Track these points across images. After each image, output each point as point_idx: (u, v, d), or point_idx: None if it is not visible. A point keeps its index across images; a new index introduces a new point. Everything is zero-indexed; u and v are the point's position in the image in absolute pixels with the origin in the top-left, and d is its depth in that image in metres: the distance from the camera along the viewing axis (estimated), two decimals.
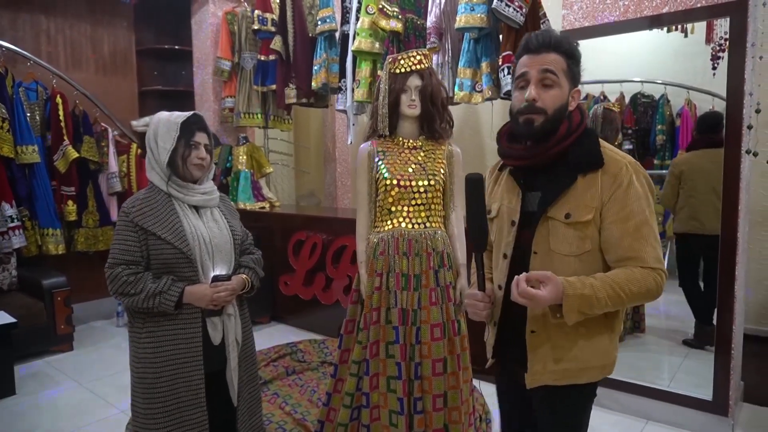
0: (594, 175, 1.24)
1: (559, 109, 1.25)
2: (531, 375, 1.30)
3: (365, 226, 2.07)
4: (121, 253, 1.63)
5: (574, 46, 1.28)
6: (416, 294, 1.95)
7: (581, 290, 1.16)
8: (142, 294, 1.59)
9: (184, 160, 1.70)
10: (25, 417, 2.79)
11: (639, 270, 1.20)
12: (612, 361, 1.31)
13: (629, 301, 1.19)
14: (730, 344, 2.39)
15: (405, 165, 1.99)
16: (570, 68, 1.26)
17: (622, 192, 1.21)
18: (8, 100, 3.68)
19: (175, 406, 1.64)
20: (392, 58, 2.00)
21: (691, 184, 2.98)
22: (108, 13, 4.55)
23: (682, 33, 2.86)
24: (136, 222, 1.62)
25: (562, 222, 1.24)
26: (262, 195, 4.61)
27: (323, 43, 3.86)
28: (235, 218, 1.88)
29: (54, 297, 3.59)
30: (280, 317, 4.29)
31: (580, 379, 1.29)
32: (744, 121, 2.29)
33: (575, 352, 1.26)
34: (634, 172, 1.23)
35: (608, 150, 1.27)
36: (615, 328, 1.31)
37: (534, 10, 2.90)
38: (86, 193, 4.13)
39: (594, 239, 1.24)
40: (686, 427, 2.52)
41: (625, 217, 1.21)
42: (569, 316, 1.17)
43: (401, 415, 1.93)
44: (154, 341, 1.64)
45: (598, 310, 1.18)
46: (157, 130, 1.69)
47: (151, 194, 1.69)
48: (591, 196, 1.23)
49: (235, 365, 1.75)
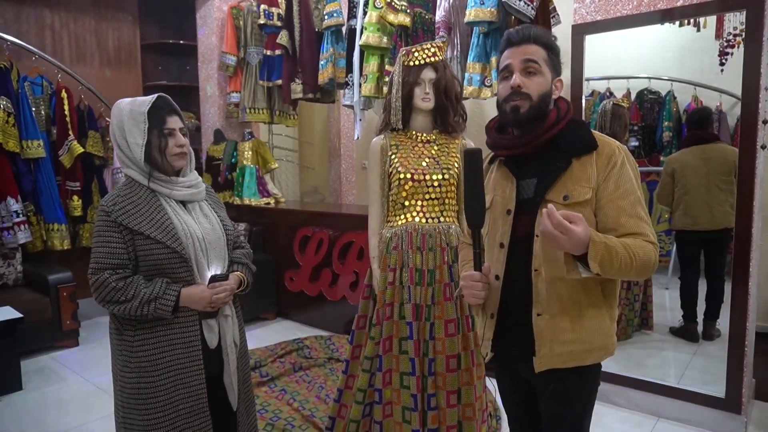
0: (588, 157, 1.29)
1: (543, 95, 1.30)
2: (539, 359, 1.31)
3: (378, 221, 2.04)
4: (106, 256, 1.47)
5: (552, 40, 1.36)
6: (430, 289, 1.93)
7: (605, 240, 1.19)
8: (135, 301, 1.45)
9: (162, 152, 1.53)
10: (31, 412, 2.78)
11: (644, 243, 1.24)
12: (613, 342, 1.34)
13: (637, 265, 1.21)
14: (743, 341, 2.37)
15: (418, 159, 1.97)
16: (550, 58, 1.33)
17: (617, 172, 1.27)
18: (13, 94, 3.66)
19: (174, 415, 1.52)
20: (406, 50, 1.98)
21: (683, 181, 3.01)
22: (112, 7, 4.52)
23: (695, 27, 2.83)
24: (119, 222, 1.47)
25: (561, 204, 1.27)
26: (267, 191, 4.59)
27: (330, 37, 3.83)
28: (223, 211, 1.74)
29: (59, 292, 3.58)
30: (285, 313, 4.27)
31: (586, 360, 1.31)
32: (759, 116, 2.26)
33: (580, 333, 1.30)
34: (625, 154, 1.30)
35: (598, 134, 1.33)
36: (613, 308, 1.34)
37: (544, 4, 2.87)
38: (91, 189, 4.12)
39: (590, 220, 1.26)
40: (698, 424, 2.50)
41: (621, 195, 1.26)
42: (593, 263, 1.17)
43: (414, 412, 1.91)
44: (150, 349, 1.51)
45: (615, 265, 1.19)
46: (121, 124, 1.52)
47: (133, 190, 1.53)
48: (587, 177, 1.27)
49: (235, 368, 1.64)
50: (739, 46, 2.54)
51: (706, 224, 2.90)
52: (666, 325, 3.25)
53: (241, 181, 4.50)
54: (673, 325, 3.18)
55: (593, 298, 1.29)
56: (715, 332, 2.95)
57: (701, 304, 3.06)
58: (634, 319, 3.20)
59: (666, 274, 3.35)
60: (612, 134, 3.11)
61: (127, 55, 4.65)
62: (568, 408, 1.37)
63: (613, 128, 3.12)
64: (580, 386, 1.35)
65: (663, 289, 3.38)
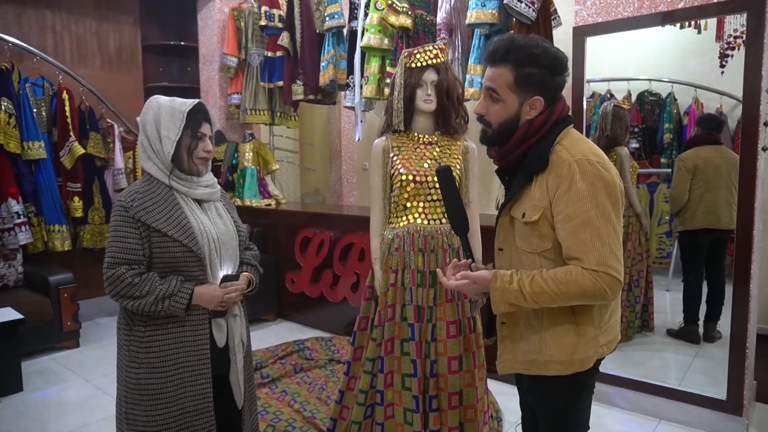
0: (543, 175, 1.27)
1: (503, 123, 1.30)
2: (501, 363, 1.39)
3: (379, 223, 2.04)
4: (122, 251, 1.49)
5: (530, 54, 1.25)
6: (432, 291, 1.93)
7: (507, 284, 1.24)
8: (150, 297, 1.47)
9: (190, 153, 1.57)
10: (31, 413, 2.77)
11: (579, 271, 1.20)
12: (582, 358, 1.30)
13: (561, 299, 1.21)
14: (744, 343, 2.37)
15: (420, 160, 1.97)
16: (519, 80, 1.26)
17: (563, 192, 1.22)
18: (15, 95, 3.66)
19: (180, 412, 1.54)
20: (408, 52, 1.98)
21: (706, 178, 2.95)
22: (113, 8, 4.53)
23: (696, 29, 2.84)
24: (137, 218, 1.49)
25: (521, 221, 1.30)
26: (268, 192, 4.59)
27: (331, 39, 3.84)
28: (235, 212, 1.78)
29: (60, 293, 3.57)
30: (286, 315, 4.27)
31: (547, 371, 1.32)
32: (760, 118, 2.26)
33: (539, 345, 1.31)
34: (579, 171, 1.21)
35: (563, 149, 1.26)
36: (584, 322, 1.29)
37: (545, 6, 2.87)
38: (92, 190, 4.12)
39: (552, 237, 1.26)
40: (699, 426, 2.50)
41: (566, 217, 1.22)
42: (496, 306, 1.26)
43: (416, 413, 1.91)
44: (159, 345, 1.52)
45: (528, 304, 1.23)
46: (158, 116, 1.54)
47: (151, 187, 1.55)
48: (540, 197, 1.26)
49: (241, 367, 1.66)
50: (739, 48, 2.54)
51: (729, 222, 2.84)
52: (667, 327, 3.25)
53: (242, 182, 4.50)
54: (672, 327, 3.17)
55: (556, 313, 1.28)
56: (716, 334, 2.94)
57: (703, 305, 3.06)
58: (635, 321, 3.19)
59: (667, 276, 3.35)
60: (613, 136, 3.13)
61: (128, 56, 4.65)
62: (551, 411, 1.40)
63: (614, 130, 3.12)
64: (557, 392, 1.36)
65: (664, 290, 3.37)
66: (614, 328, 1.36)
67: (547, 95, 1.28)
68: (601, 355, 1.33)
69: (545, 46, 1.27)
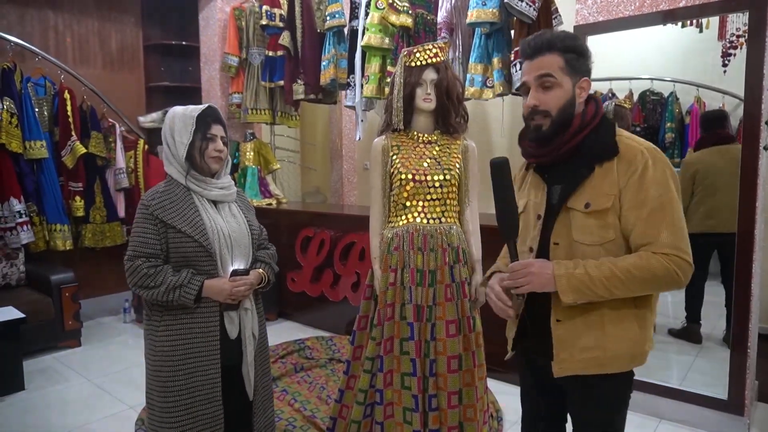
0: (610, 163, 1.25)
1: (563, 107, 1.28)
2: (558, 363, 1.30)
3: (379, 222, 2.04)
4: (141, 245, 1.63)
5: (571, 41, 1.29)
6: (431, 290, 1.93)
7: (572, 270, 1.21)
8: (162, 287, 1.60)
9: (201, 153, 1.70)
10: (33, 413, 2.78)
11: (648, 255, 1.19)
12: (643, 351, 1.29)
13: (633, 285, 1.19)
14: (746, 343, 2.36)
15: (420, 159, 1.96)
16: (569, 63, 1.28)
17: (637, 178, 1.22)
18: (17, 95, 3.67)
19: (190, 400, 1.64)
20: (408, 50, 1.98)
21: (707, 182, 2.93)
22: (115, 9, 4.54)
23: (697, 28, 2.82)
24: (156, 215, 1.62)
25: (582, 212, 1.26)
26: (269, 191, 4.59)
27: (332, 38, 3.84)
28: (252, 213, 1.88)
29: (62, 293, 3.58)
30: (287, 314, 4.27)
31: (609, 368, 1.27)
32: (762, 117, 2.25)
33: (603, 340, 1.26)
34: (651, 157, 1.23)
35: (625, 137, 1.28)
36: (645, 317, 1.29)
37: (546, 5, 2.87)
38: (94, 189, 4.12)
39: (616, 227, 1.24)
40: (700, 426, 2.49)
41: (639, 203, 1.21)
42: (565, 294, 1.21)
43: (416, 413, 1.91)
44: (172, 335, 1.64)
45: (599, 290, 1.20)
46: (173, 125, 1.69)
47: (171, 187, 1.69)
48: (609, 184, 1.24)
49: (252, 359, 1.76)
50: (741, 47, 2.53)
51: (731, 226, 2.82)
52: (667, 327, 3.23)
53: (243, 181, 4.51)
54: (673, 327, 3.15)
55: (617, 305, 1.24)
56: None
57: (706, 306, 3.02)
58: None
59: None
60: None
61: (129, 56, 4.66)
62: (597, 415, 1.34)
63: None
64: (608, 394, 1.32)
65: None
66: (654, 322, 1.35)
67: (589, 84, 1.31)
68: (652, 348, 1.32)
69: (575, 36, 1.33)
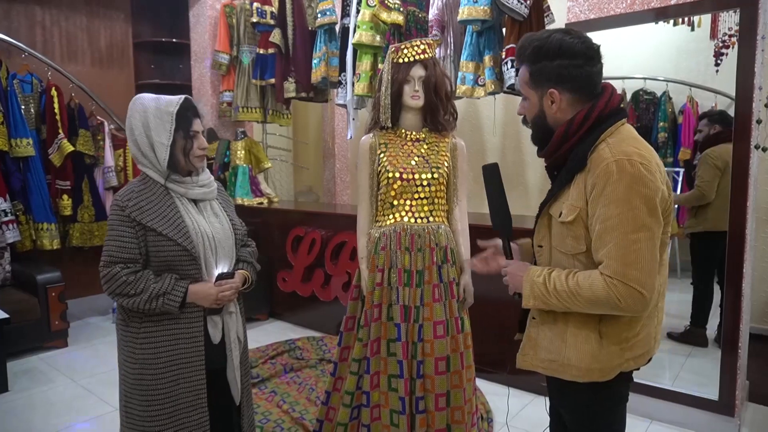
0: (582, 175, 1.22)
1: (534, 120, 1.30)
2: (522, 356, 1.37)
3: (366, 221, 2.01)
4: (118, 250, 1.50)
5: (536, 49, 1.23)
6: (419, 290, 1.90)
7: (537, 277, 1.25)
8: (144, 295, 1.48)
9: (186, 153, 1.56)
10: (18, 414, 2.74)
11: (596, 275, 1.16)
12: (605, 367, 1.24)
13: (580, 303, 1.19)
14: (737, 343, 2.35)
15: (407, 157, 1.94)
16: (533, 76, 1.25)
17: (598, 193, 1.16)
18: (2, 92, 3.62)
19: (174, 407, 1.55)
20: (395, 47, 1.95)
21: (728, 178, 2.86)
22: (104, 5, 4.48)
23: (689, 26, 2.81)
24: (133, 217, 1.50)
25: (558, 220, 1.26)
26: (260, 190, 4.55)
27: (323, 36, 3.80)
28: (231, 208, 1.78)
29: (48, 292, 3.53)
30: (278, 314, 4.24)
31: (563, 375, 1.28)
32: (753, 115, 2.24)
33: (560, 347, 1.28)
34: (617, 170, 1.13)
35: (606, 148, 1.18)
36: (610, 334, 1.24)
37: (538, 2, 2.85)
38: (81, 188, 4.07)
39: (588, 240, 1.21)
40: (691, 427, 2.48)
41: (597, 219, 1.17)
42: (525, 299, 1.27)
43: (403, 415, 1.88)
44: (155, 342, 1.53)
45: (553, 301, 1.22)
46: (146, 121, 1.52)
47: (147, 186, 1.56)
48: (577, 196, 1.22)
49: (238, 363, 1.67)
50: (734, 47, 2.51)
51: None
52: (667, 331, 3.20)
53: (233, 180, 4.47)
54: (674, 330, 3.05)
55: (582, 317, 1.24)
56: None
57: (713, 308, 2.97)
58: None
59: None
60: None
61: (119, 53, 4.61)
62: (574, 419, 1.37)
63: None
64: (578, 401, 1.33)
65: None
66: (645, 342, 1.27)
67: (574, 87, 1.22)
68: (626, 369, 1.26)
69: (553, 36, 1.21)
